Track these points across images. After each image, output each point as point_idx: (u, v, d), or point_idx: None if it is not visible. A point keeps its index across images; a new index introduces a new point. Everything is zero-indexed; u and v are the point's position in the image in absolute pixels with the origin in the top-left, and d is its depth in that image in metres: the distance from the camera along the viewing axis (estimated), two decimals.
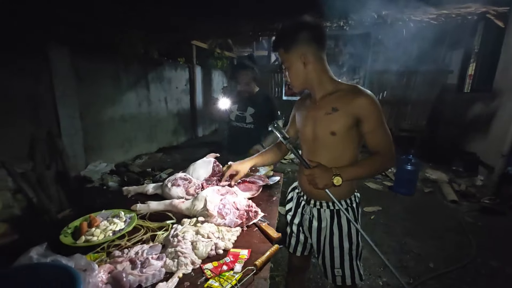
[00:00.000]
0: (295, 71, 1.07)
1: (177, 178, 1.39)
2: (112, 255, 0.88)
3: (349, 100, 1.01)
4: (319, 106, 1.10)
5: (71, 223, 1.04)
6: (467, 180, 3.93)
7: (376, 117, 1.00)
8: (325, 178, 0.97)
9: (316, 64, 1.05)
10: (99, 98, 4.18)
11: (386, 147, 1.02)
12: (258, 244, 0.99)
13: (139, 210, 1.17)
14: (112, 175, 3.87)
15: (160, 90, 5.62)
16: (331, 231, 1.13)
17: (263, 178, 1.53)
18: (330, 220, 1.14)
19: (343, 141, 1.06)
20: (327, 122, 1.05)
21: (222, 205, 1.12)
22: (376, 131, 1.01)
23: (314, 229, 1.17)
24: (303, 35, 1.01)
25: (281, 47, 1.06)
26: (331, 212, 1.14)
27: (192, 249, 0.90)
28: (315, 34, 1.03)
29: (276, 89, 6.45)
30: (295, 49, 1.03)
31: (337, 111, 1.03)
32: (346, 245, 1.12)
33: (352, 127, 1.03)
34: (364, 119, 1.00)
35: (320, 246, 1.17)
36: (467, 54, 5.04)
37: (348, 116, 1.01)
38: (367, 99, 0.99)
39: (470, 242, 2.49)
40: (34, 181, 2.94)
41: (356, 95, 1.01)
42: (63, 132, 3.54)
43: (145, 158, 4.92)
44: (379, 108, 1.01)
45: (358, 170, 1.02)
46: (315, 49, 1.03)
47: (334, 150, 1.08)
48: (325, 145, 1.09)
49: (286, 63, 1.08)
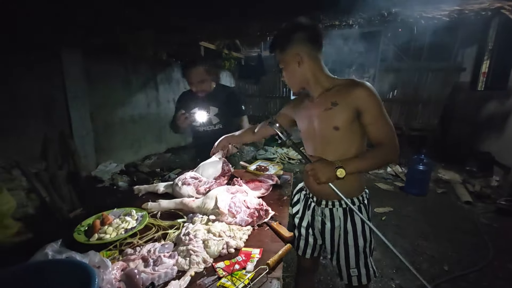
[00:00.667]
0: (291, 71, 1.08)
1: (187, 177, 1.40)
2: (125, 253, 0.88)
3: (347, 93, 1.00)
4: (317, 103, 1.09)
5: (84, 221, 1.05)
6: (481, 181, 3.81)
7: (375, 107, 0.99)
8: (328, 171, 0.94)
9: (311, 64, 1.05)
10: (109, 99, 4.25)
11: (388, 138, 1.00)
12: (270, 243, 0.98)
13: (150, 209, 1.18)
14: (122, 175, 3.92)
15: (169, 91, 5.68)
16: (345, 230, 1.11)
17: (273, 177, 1.52)
18: (343, 219, 1.12)
19: (347, 136, 1.04)
20: (328, 117, 1.04)
21: (233, 204, 1.12)
22: (377, 122, 1.00)
23: (327, 230, 1.15)
24: (297, 36, 1.03)
25: (277, 48, 1.08)
26: (344, 210, 1.12)
27: (204, 248, 0.89)
28: (310, 34, 1.04)
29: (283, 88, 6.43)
30: (289, 49, 1.04)
31: (337, 105, 1.02)
32: (361, 243, 1.10)
33: (354, 120, 1.02)
34: (364, 110, 0.99)
35: (334, 246, 1.15)
36: (480, 51, 4.89)
37: (348, 109, 1.00)
38: (365, 90, 0.98)
39: (486, 244, 2.41)
40: (47, 181, 3.01)
41: (354, 87, 1.00)
42: (75, 133, 3.62)
43: (154, 159, 4.97)
44: (378, 99, 0.99)
45: (361, 162, 0.99)
46: (310, 49, 1.04)
47: (340, 146, 1.06)
48: (330, 141, 1.07)
49: (282, 64, 1.09)
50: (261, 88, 6.83)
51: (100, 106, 4.04)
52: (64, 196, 3.09)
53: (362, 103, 0.98)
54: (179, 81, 5.98)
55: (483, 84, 4.86)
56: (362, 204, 1.12)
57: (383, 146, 1.00)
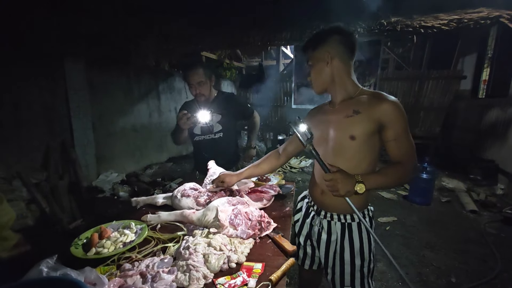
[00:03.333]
0: (319, 69, 1.06)
1: (186, 188, 1.37)
2: (123, 268, 0.85)
3: (373, 104, 0.98)
4: (338, 109, 1.06)
5: (82, 234, 1.03)
6: (486, 189, 3.76)
7: (401, 124, 0.96)
8: (348, 185, 0.91)
9: (341, 66, 1.04)
10: (111, 109, 4.27)
11: (410, 157, 0.98)
12: (272, 257, 0.95)
13: (149, 221, 1.16)
14: (123, 185, 3.90)
15: (170, 100, 5.72)
16: (341, 245, 1.07)
17: (274, 188, 1.49)
18: (340, 234, 1.08)
19: (362, 147, 1.01)
20: (346, 125, 1.01)
21: (234, 216, 1.09)
22: (400, 139, 0.97)
23: (322, 242, 1.12)
24: (333, 36, 1.03)
25: (310, 46, 1.07)
26: (342, 225, 1.08)
27: (204, 262, 0.87)
28: (345, 38, 1.03)
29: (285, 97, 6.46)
30: (322, 47, 1.03)
31: (359, 113, 0.99)
32: (357, 262, 1.06)
33: (373, 133, 0.99)
34: (388, 125, 0.96)
35: (328, 260, 1.11)
36: (480, 59, 4.92)
37: (370, 120, 0.97)
38: (393, 105, 0.96)
39: (494, 255, 2.34)
40: (47, 191, 3.00)
41: (381, 100, 0.97)
42: (76, 142, 3.62)
43: (155, 168, 4.96)
44: (404, 116, 0.97)
45: (381, 179, 0.96)
46: (342, 51, 1.03)
47: (352, 157, 1.02)
48: (343, 151, 1.03)
49: (311, 61, 1.08)
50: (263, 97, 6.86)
51: (102, 116, 4.06)
52: (65, 206, 3.06)
53: (388, 117, 0.96)
54: (181, 90, 6.03)
55: (484, 91, 4.87)
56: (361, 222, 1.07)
57: (402, 165, 0.97)
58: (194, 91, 1.74)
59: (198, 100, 1.78)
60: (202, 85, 1.72)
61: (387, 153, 1.03)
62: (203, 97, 1.76)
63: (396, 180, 0.99)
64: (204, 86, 1.73)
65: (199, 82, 1.71)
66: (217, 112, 1.79)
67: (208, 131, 1.81)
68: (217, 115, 1.80)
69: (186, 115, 1.61)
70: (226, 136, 1.85)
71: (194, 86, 1.72)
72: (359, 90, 1.05)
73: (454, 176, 4.31)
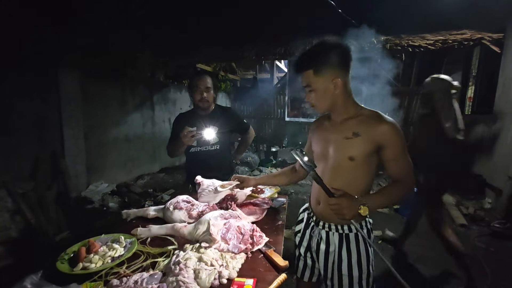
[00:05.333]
0: (324, 93, 1.01)
1: (179, 201, 1.36)
2: (110, 284, 0.83)
3: (372, 126, 1.00)
4: (339, 129, 1.07)
5: (69, 249, 1.00)
6: (474, 203, 3.82)
7: (399, 144, 0.99)
8: (353, 209, 0.93)
9: (344, 88, 1.02)
10: (104, 119, 4.24)
11: (408, 175, 1.01)
12: (264, 272, 0.94)
13: (139, 235, 1.14)
14: (113, 196, 3.82)
15: (164, 111, 5.72)
16: (339, 256, 1.08)
17: (267, 201, 1.49)
18: (338, 245, 1.09)
19: (361, 167, 1.04)
20: (346, 146, 1.03)
21: (226, 230, 1.09)
22: (399, 159, 1.01)
23: (321, 252, 1.12)
24: (336, 58, 0.97)
25: (310, 68, 0.99)
26: (339, 236, 1.09)
27: (195, 278, 0.85)
28: (346, 57, 1.00)
29: (278, 110, 6.55)
30: (327, 71, 0.97)
31: (359, 136, 1.00)
32: (355, 273, 1.06)
33: (372, 153, 1.01)
34: (387, 146, 0.99)
35: (327, 272, 1.11)
36: (465, 77, 5.13)
37: (369, 142, 1.00)
38: (391, 126, 0.99)
39: (484, 269, 2.36)
40: (34, 202, 2.90)
41: (379, 121, 1.00)
42: (67, 152, 3.56)
43: (147, 179, 4.88)
44: (402, 136, 1.00)
45: (382, 199, 1.00)
46: (345, 72, 1.01)
47: (350, 176, 1.05)
48: (341, 170, 1.06)
49: (314, 85, 1.01)
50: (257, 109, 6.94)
51: (95, 126, 4.02)
52: (51, 218, 2.96)
53: (387, 139, 0.98)
54: (176, 101, 6.05)
55: (470, 108, 5.05)
56: (359, 232, 1.09)
57: (401, 183, 1.01)
58: (199, 96, 1.73)
59: (201, 106, 1.77)
60: (209, 91, 1.75)
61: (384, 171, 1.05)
62: (207, 103, 1.77)
63: (397, 198, 1.04)
64: (210, 92, 1.77)
65: (207, 88, 1.74)
66: (215, 125, 1.78)
67: (205, 143, 1.81)
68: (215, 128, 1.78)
69: (191, 132, 1.59)
70: (222, 149, 1.86)
71: (201, 90, 1.73)
72: (358, 109, 1.07)
73: None
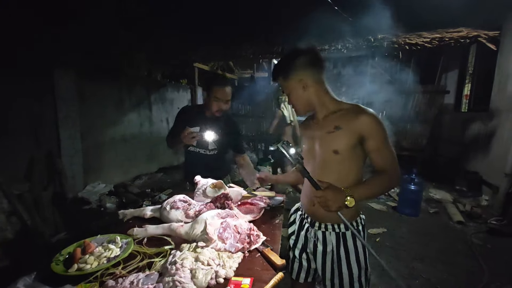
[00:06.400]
0: (296, 96, 1.10)
1: (176, 200, 1.36)
2: (105, 285, 0.82)
3: (352, 118, 1.01)
4: (321, 125, 1.10)
5: (64, 250, 0.99)
6: (471, 200, 3.85)
7: (380, 135, 1.00)
8: (338, 200, 0.93)
9: (316, 87, 1.08)
10: (101, 118, 4.21)
11: (392, 165, 1.02)
12: (261, 271, 0.93)
13: (136, 235, 1.13)
14: (110, 196, 3.80)
15: (162, 110, 5.69)
16: (338, 256, 1.08)
17: (264, 200, 1.49)
18: (336, 244, 1.09)
19: (347, 160, 1.05)
20: (329, 140, 1.05)
21: (223, 229, 1.08)
22: (382, 149, 1.01)
23: (319, 253, 1.12)
24: (299, 62, 1.06)
25: (280, 76, 1.10)
26: (336, 235, 1.09)
27: (191, 278, 0.85)
28: (311, 58, 1.07)
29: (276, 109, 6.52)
30: (292, 75, 1.07)
31: (340, 129, 1.03)
32: (355, 271, 1.07)
33: (355, 145, 1.02)
34: (368, 137, 1.00)
35: (326, 272, 1.11)
36: (461, 75, 5.16)
37: (351, 134, 1.01)
38: (371, 117, 1.00)
39: (481, 267, 2.38)
40: (30, 203, 2.88)
41: (360, 113, 1.01)
42: (63, 152, 3.54)
43: (144, 179, 4.86)
44: (383, 126, 1.01)
45: (368, 190, 1.00)
46: (313, 72, 1.07)
47: (338, 170, 1.06)
48: (328, 164, 1.07)
49: (287, 90, 1.11)
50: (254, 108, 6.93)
51: (92, 126, 4.00)
52: (48, 219, 2.94)
53: (367, 129, 0.99)
54: (173, 101, 6.02)
55: (466, 106, 5.08)
56: (355, 230, 1.09)
57: (386, 173, 1.01)
58: (217, 107, 1.70)
59: (216, 115, 1.73)
60: (228, 103, 1.73)
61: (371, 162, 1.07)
62: (221, 113, 1.73)
63: (383, 188, 1.04)
64: (228, 104, 1.74)
65: (227, 101, 1.71)
66: (216, 132, 1.73)
67: (203, 145, 1.80)
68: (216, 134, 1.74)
69: (192, 134, 1.59)
70: (219, 154, 1.85)
71: (221, 103, 1.69)
72: (338, 104, 1.09)
73: (440, 187, 4.41)
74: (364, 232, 1.13)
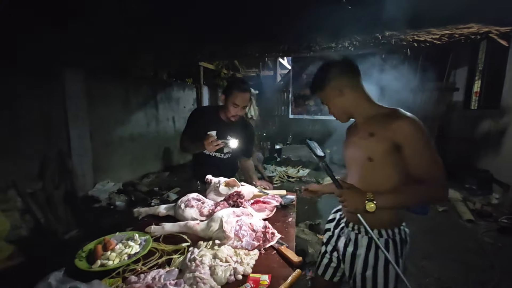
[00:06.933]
0: (333, 103, 1.11)
1: (190, 198, 1.37)
2: (128, 281, 0.85)
3: (386, 124, 0.97)
4: (359, 131, 1.10)
5: (85, 246, 1.02)
6: (481, 199, 3.80)
7: (416, 141, 0.93)
8: (357, 202, 0.92)
9: (353, 92, 1.07)
10: (109, 118, 4.26)
11: (432, 175, 0.93)
12: (278, 268, 0.95)
13: (153, 233, 1.15)
14: (120, 195, 3.85)
15: (168, 109, 5.74)
16: (365, 260, 1.06)
17: (276, 198, 1.50)
18: (366, 248, 1.06)
19: (382, 168, 1.01)
20: (363, 147, 1.04)
21: (239, 227, 1.10)
22: (417, 157, 0.94)
23: (348, 254, 1.11)
24: (332, 72, 1.07)
25: (317, 88, 1.13)
26: (369, 239, 1.06)
27: (211, 274, 0.86)
28: (343, 66, 1.08)
29: (282, 107, 6.54)
30: (328, 85, 1.08)
31: (373, 136, 1.00)
32: (380, 281, 1.04)
33: (390, 153, 0.97)
34: (403, 144, 0.94)
35: (352, 274, 1.10)
36: (471, 71, 5.07)
37: (384, 141, 0.97)
38: (406, 123, 0.94)
39: (492, 265, 2.36)
40: (42, 201, 2.94)
41: (395, 118, 0.97)
42: (73, 152, 3.59)
43: (152, 177, 4.91)
44: (420, 131, 0.94)
45: (396, 198, 0.94)
46: (347, 78, 1.07)
47: (373, 177, 1.03)
48: (364, 172, 1.06)
49: (325, 100, 1.13)
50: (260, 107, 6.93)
51: (100, 125, 4.05)
52: (60, 216, 3.00)
53: (401, 136, 0.94)
54: (179, 100, 6.07)
55: (476, 103, 4.99)
56: (391, 240, 1.04)
57: (424, 183, 0.93)
58: (234, 112, 1.68)
59: (232, 120, 1.73)
60: (245, 109, 1.73)
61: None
62: (237, 118, 1.73)
63: (417, 199, 0.98)
64: (246, 109, 1.77)
65: (244, 106, 1.70)
66: (235, 135, 1.74)
67: (219, 150, 1.76)
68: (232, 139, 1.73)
69: (216, 142, 1.59)
70: (233, 157, 1.89)
71: (239, 108, 1.67)
72: (377, 108, 1.07)
73: (450, 185, 4.30)
74: (403, 246, 1.07)
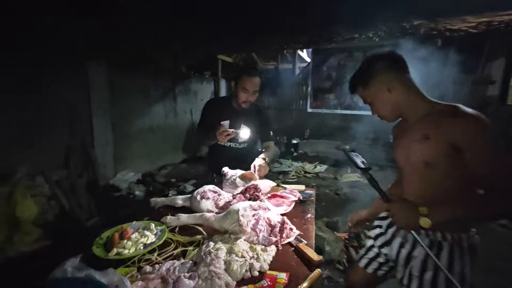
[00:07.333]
0: (381, 101, 1.00)
1: (206, 190, 1.35)
2: (143, 271, 0.83)
3: (442, 125, 0.85)
4: (411, 131, 0.96)
5: (103, 234, 1.02)
6: None
7: (477, 144, 0.80)
8: (408, 217, 0.84)
9: (403, 88, 0.96)
10: (130, 110, 4.37)
11: (500, 182, 0.78)
12: (296, 267, 0.90)
13: (169, 223, 1.14)
14: (139, 185, 3.96)
15: (186, 102, 5.80)
16: (423, 264, 0.94)
17: (295, 193, 1.45)
18: (425, 250, 0.92)
19: (442, 173, 0.88)
20: (417, 150, 0.92)
21: (255, 221, 1.05)
22: (480, 161, 0.80)
23: (402, 255, 1.01)
24: (378, 65, 0.98)
25: (359, 86, 1.03)
26: (430, 242, 0.93)
27: (226, 269, 0.83)
28: (389, 60, 0.99)
29: (300, 101, 6.40)
30: (374, 81, 0.98)
31: (428, 139, 0.88)
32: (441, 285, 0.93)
33: (449, 156, 0.85)
34: (462, 147, 0.81)
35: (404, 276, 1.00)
36: (509, 63, 4.67)
37: (441, 144, 0.85)
38: (466, 122, 0.81)
39: None
40: (67, 188, 3.08)
41: (452, 118, 0.84)
42: (96, 142, 3.72)
43: (169, 169, 5.01)
44: (484, 131, 0.80)
45: (456, 211, 0.83)
46: (396, 73, 0.97)
47: (430, 183, 0.91)
48: (419, 176, 0.94)
49: (369, 98, 1.03)
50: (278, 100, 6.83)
51: (121, 117, 4.16)
52: (82, 204, 3.13)
53: (460, 138, 0.81)
54: (197, 92, 6.11)
55: None
56: (457, 245, 0.91)
57: (492, 192, 0.80)
58: (244, 98, 1.65)
59: (243, 106, 1.69)
60: (256, 94, 1.67)
61: None
62: (248, 104, 1.69)
63: (480, 212, 0.84)
64: (256, 95, 1.68)
65: (255, 91, 1.65)
66: (249, 123, 1.74)
67: (234, 139, 1.74)
68: (245, 128, 1.74)
69: (226, 132, 1.57)
70: (249, 147, 1.84)
71: (249, 93, 1.63)
72: (432, 105, 0.94)
73: None
74: (471, 255, 0.94)
